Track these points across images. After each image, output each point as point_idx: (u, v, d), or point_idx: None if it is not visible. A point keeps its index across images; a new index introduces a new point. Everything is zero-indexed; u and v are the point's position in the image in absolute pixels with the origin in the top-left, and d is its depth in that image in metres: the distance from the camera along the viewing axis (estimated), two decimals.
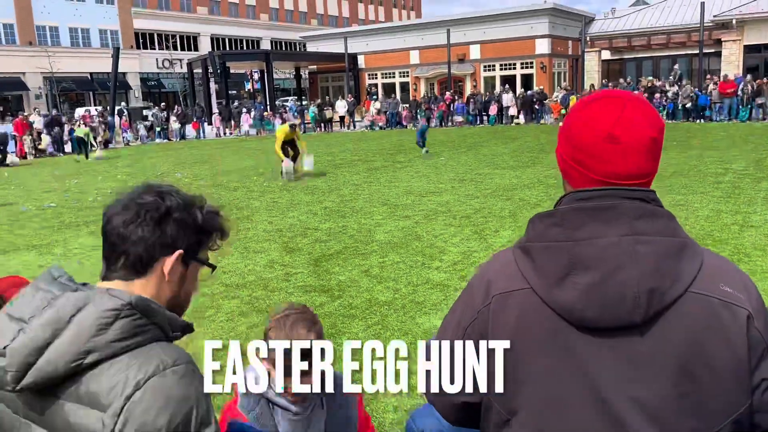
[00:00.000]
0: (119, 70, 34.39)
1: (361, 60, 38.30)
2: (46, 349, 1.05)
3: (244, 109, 31.70)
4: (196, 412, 1.07)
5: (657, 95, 24.76)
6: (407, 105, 30.65)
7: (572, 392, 1.11)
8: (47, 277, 1.18)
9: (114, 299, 1.09)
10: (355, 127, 30.97)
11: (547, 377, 1.13)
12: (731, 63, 28.64)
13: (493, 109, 28.15)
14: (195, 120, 28.38)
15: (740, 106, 22.87)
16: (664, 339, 1.08)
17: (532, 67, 33.63)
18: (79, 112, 32.46)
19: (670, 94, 24.67)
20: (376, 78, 38.63)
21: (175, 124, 29.63)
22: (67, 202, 12.28)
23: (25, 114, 26.93)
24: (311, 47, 41.48)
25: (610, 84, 27.12)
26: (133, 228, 1.16)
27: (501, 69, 34.56)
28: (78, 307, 1.08)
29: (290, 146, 13.57)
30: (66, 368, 1.05)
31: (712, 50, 29.73)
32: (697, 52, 27.82)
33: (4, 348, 1.07)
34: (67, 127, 25.68)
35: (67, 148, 24.92)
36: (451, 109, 28.96)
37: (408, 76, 37.54)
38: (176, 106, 34.61)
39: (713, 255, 1.17)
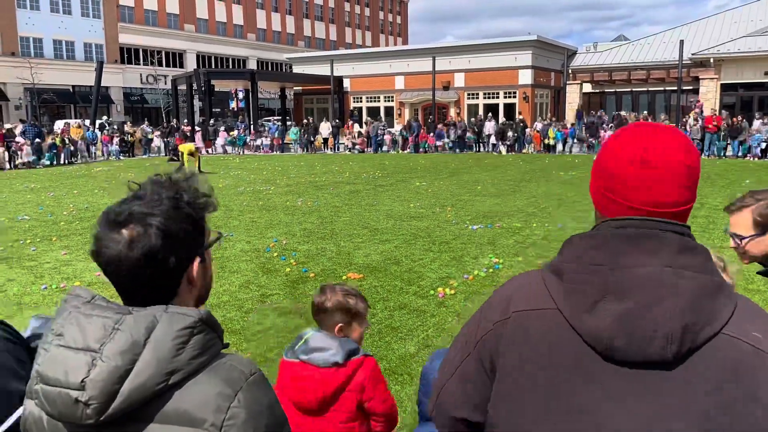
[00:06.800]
0: (102, 84, 34.17)
1: (346, 83, 38.55)
2: (128, 375, 1.03)
3: (222, 128, 31.53)
4: (279, 413, 1.15)
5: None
6: (390, 129, 30.78)
7: (588, 425, 1.05)
8: (80, 300, 1.12)
9: (185, 317, 1.09)
10: (338, 149, 31.03)
11: (562, 405, 1.07)
12: (708, 100, 29.29)
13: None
14: (178, 137, 28.19)
15: (717, 142, 23.38)
16: (692, 381, 1.02)
17: (515, 97, 34.10)
18: (59, 124, 32.10)
19: None
20: (361, 101, 38.85)
21: (157, 140, 29.48)
22: (41, 215, 12.05)
23: (9, 126, 26.30)
24: (297, 69, 41.65)
25: (594, 113, 27.55)
26: (152, 270, 1.12)
27: (484, 97, 35.00)
28: (149, 328, 1.06)
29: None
30: (152, 391, 1.04)
31: (690, 87, 30.45)
32: (675, 88, 28.45)
33: (82, 381, 1.02)
34: (49, 139, 25.32)
35: (45, 160, 24.55)
36: (433, 135, 29.21)
37: (393, 100, 37.82)
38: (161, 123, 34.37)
39: (746, 300, 1.13)
